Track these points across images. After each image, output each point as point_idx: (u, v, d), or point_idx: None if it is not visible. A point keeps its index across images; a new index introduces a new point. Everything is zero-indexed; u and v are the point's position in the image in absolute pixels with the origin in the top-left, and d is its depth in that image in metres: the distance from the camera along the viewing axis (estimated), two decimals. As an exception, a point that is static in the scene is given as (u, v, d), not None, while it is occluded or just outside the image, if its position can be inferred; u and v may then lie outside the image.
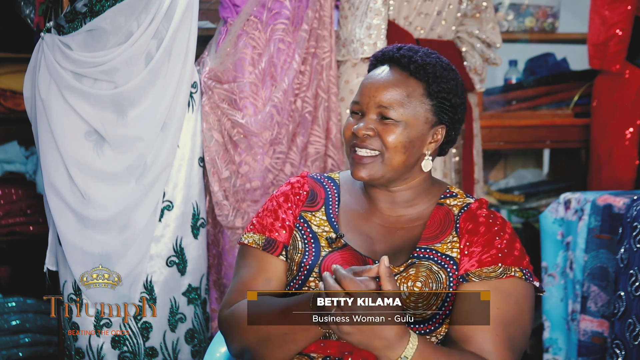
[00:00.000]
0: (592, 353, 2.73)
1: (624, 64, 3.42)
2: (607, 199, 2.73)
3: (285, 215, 1.83)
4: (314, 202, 1.84)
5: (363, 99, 1.78)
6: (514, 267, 1.70)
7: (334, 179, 1.90)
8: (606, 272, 2.71)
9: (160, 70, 2.61)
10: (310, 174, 1.90)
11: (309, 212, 1.83)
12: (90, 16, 2.55)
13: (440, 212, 1.80)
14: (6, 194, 3.83)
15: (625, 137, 3.43)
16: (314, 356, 1.70)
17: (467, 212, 1.78)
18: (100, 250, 2.60)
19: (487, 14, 3.12)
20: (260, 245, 1.81)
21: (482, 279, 1.69)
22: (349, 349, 1.68)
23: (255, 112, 2.81)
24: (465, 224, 1.76)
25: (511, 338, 1.66)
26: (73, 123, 2.58)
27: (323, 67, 2.94)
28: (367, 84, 1.79)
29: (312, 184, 1.88)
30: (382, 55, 1.83)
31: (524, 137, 3.79)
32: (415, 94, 1.77)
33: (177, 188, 2.71)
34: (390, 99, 1.76)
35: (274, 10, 2.83)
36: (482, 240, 1.73)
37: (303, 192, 1.86)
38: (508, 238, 1.74)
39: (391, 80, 1.77)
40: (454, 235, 1.75)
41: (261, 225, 1.83)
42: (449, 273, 1.71)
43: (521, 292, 1.70)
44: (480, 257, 1.71)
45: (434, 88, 1.77)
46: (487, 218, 1.76)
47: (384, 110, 1.75)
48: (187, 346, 2.74)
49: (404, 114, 1.75)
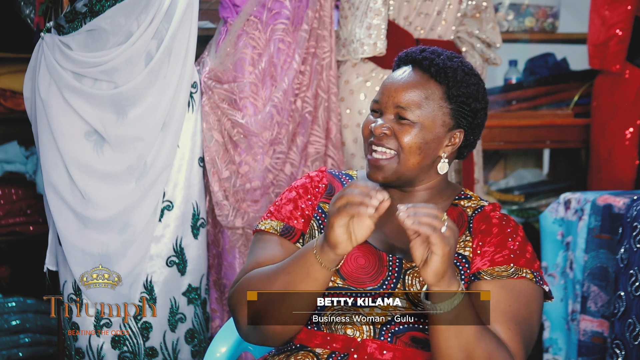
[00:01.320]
0: (592, 353, 2.73)
1: (624, 64, 3.41)
2: (607, 199, 2.73)
3: (304, 205, 1.83)
4: (332, 195, 1.84)
5: (382, 98, 1.79)
6: (526, 269, 1.71)
7: (351, 175, 1.90)
8: (606, 272, 2.71)
9: (160, 70, 2.61)
10: (328, 169, 1.91)
11: (327, 204, 1.82)
12: (90, 16, 2.55)
13: (454, 212, 1.80)
14: (6, 194, 3.83)
15: (625, 137, 3.43)
16: (319, 352, 1.70)
17: (481, 213, 1.79)
18: (100, 250, 2.60)
19: (487, 14, 3.12)
20: (279, 231, 1.80)
21: (494, 278, 1.69)
22: (354, 345, 1.68)
23: (255, 112, 2.81)
24: (478, 225, 1.77)
25: (523, 335, 1.67)
26: (73, 123, 2.58)
27: (323, 67, 2.94)
28: (388, 84, 1.80)
29: (331, 178, 1.88)
30: (405, 56, 1.83)
31: (524, 137, 3.79)
32: (434, 96, 1.77)
33: (177, 188, 2.71)
34: (408, 99, 1.76)
35: (274, 10, 2.83)
36: (495, 241, 1.74)
37: (322, 185, 1.86)
38: (521, 241, 1.75)
39: (411, 81, 1.78)
40: (467, 235, 1.76)
41: (279, 212, 1.83)
42: (461, 271, 1.72)
43: (531, 294, 1.70)
44: (492, 256, 1.72)
45: (453, 92, 1.78)
46: (501, 220, 1.77)
47: (401, 110, 1.76)
48: (187, 346, 2.74)
49: (421, 116, 1.76)
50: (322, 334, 1.71)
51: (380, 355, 1.67)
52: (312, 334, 1.73)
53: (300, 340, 1.74)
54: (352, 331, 1.70)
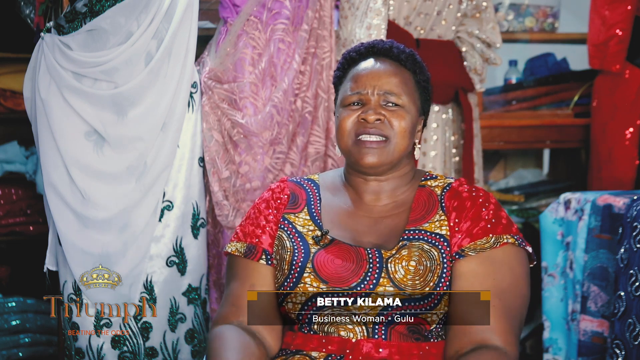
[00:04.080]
0: (592, 353, 2.73)
1: (624, 64, 3.41)
2: (607, 199, 2.73)
3: (265, 221, 1.85)
4: (296, 204, 1.86)
5: (364, 88, 1.80)
6: (505, 235, 1.73)
7: (313, 180, 1.92)
8: (606, 272, 2.71)
9: (160, 70, 2.61)
10: (289, 178, 1.93)
11: (292, 214, 1.85)
12: (90, 16, 2.55)
13: (422, 193, 1.83)
14: (6, 194, 3.83)
15: (625, 137, 3.43)
16: (315, 356, 1.70)
17: (450, 190, 1.81)
18: (100, 250, 2.60)
19: (487, 14, 3.12)
20: (242, 252, 1.84)
21: (478, 252, 1.72)
22: (349, 346, 1.68)
23: (255, 112, 2.81)
24: (450, 202, 1.79)
25: (508, 306, 1.68)
26: (73, 123, 2.58)
27: (323, 67, 2.94)
28: (365, 74, 1.81)
29: (293, 187, 1.90)
30: (365, 49, 1.86)
31: (524, 137, 3.79)
32: (410, 82, 1.83)
33: (177, 188, 2.71)
34: (393, 85, 1.80)
35: (274, 10, 2.83)
36: (470, 215, 1.76)
37: (284, 196, 1.88)
38: (493, 208, 1.77)
39: (390, 69, 1.81)
40: (441, 215, 1.78)
41: (243, 233, 1.87)
42: (441, 250, 1.73)
43: (514, 258, 1.73)
44: (471, 230, 1.74)
45: (420, 77, 1.84)
46: (470, 192, 1.79)
47: (389, 96, 1.79)
48: (187, 346, 2.74)
49: (405, 101, 1.80)
50: (318, 337, 1.71)
51: (376, 353, 1.68)
52: (307, 338, 1.73)
53: (297, 345, 1.75)
54: (345, 332, 1.70)
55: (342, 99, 1.83)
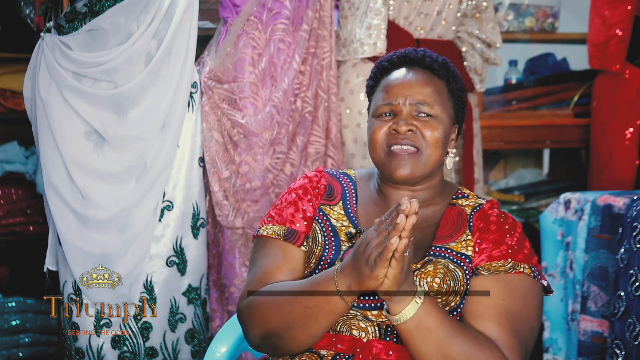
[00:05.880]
0: (592, 353, 2.73)
1: (624, 64, 3.42)
2: (607, 199, 2.73)
3: (305, 207, 1.81)
4: (332, 196, 1.84)
5: (396, 98, 1.77)
6: (523, 264, 1.71)
7: (349, 175, 1.90)
8: (606, 272, 2.71)
9: (160, 70, 2.61)
10: (326, 169, 1.90)
11: (327, 206, 1.82)
12: (90, 16, 2.55)
13: (452, 212, 1.80)
14: (6, 194, 3.83)
15: (625, 137, 3.43)
16: (323, 354, 1.69)
17: (480, 211, 1.79)
18: (100, 250, 2.60)
19: (487, 14, 3.12)
20: (282, 235, 1.78)
21: (491, 273, 1.70)
22: (360, 346, 1.68)
23: (255, 112, 2.81)
24: (477, 223, 1.77)
25: (516, 328, 1.66)
26: (73, 123, 2.58)
27: (323, 67, 2.94)
28: (397, 84, 1.79)
29: (329, 178, 1.87)
30: (397, 59, 1.83)
31: (524, 137, 3.79)
32: (442, 91, 1.80)
33: (177, 188, 2.71)
34: (425, 95, 1.77)
35: (274, 10, 2.83)
36: (493, 238, 1.74)
37: (321, 186, 1.85)
38: (518, 237, 1.75)
39: (422, 78, 1.79)
40: (467, 234, 1.76)
41: (280, 216, 1.81)
42: (466, 271, 1.71)
43: (529, 288, 1.71)
44: (490, 252, 1.72)
45: (453, 86, 1.81)
46: (499, 217, 1.77)
47: (421, 107, 1.76)
48: (187, 346, 2.74)
49: (438, 111, 1.77)
50: (328, 335, 1.70)
51: (385, 355, 1.67)
52: None
53: None
54: (358, 332, 1.69)
55: (374, 109, 1.81)
